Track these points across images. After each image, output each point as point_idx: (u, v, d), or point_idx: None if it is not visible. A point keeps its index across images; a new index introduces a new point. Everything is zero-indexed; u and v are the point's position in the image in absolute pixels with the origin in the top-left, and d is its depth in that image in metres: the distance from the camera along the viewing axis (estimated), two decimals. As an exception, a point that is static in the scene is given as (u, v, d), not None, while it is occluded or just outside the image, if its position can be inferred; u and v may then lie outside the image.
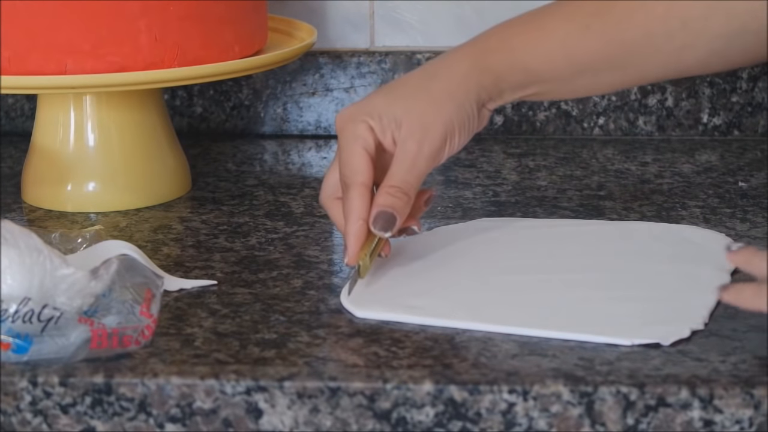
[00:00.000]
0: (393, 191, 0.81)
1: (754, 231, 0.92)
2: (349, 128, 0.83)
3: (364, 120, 0.82)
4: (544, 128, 1.21)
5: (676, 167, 1.10)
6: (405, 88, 0.84)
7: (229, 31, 0.98)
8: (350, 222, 0.81)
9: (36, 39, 0.92)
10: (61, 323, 0.72)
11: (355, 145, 0.82)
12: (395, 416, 0.69)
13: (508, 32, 0.85)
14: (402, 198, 0.81)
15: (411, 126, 0.82)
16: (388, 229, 0.81)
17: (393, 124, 0.82)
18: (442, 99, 0.83)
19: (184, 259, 0.88)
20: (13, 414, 0.71)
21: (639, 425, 0.68)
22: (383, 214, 0.81)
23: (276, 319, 0.78)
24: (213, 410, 0.70)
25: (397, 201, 0.81)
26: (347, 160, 0.82)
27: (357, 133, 0.82)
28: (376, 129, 0.82)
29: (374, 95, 0.85)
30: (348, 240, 0.81)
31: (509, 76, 0.84)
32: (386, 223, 0.81)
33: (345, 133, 0.83)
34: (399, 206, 0.81)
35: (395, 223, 0.81)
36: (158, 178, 1.01)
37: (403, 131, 0.82)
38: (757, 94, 1.19)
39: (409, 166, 0.82)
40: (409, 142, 0.82)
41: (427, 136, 0.82)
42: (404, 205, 0.82)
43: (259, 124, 1.23)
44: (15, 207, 1.01)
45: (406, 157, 0.82)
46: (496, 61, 0.84)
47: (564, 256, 0.87)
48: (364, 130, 0.82)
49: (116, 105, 0.99)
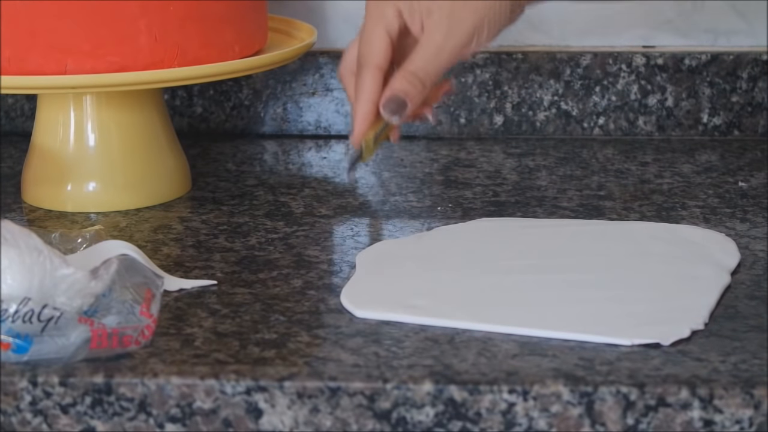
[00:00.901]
0: (410, 77, 0.81)
1: (754, 231, 0.92)
2: (377, 7, 0.81)
3: (395, 5, 0.81)
4: (544, 128, 1.21)
5: (676, 167, 1.10)
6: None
7: (229, 31, 0.98)
8: (360, 102, 0.81)
9: (36, 39, 0.92)
10: (61, 323, 0.72)
11: (378, 25, 0.81)
12: (395, 416, 0.69)
13: None
14: (417, 86, 0.81)
15: (441, 16, 0.81)
16: (397, 113, 0.81)
17: (423, 10, 0.81)
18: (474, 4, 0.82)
19: (184, 259, 0.88)
20: (13, 414, 0.71)
21: (639, 425, 0.68)
22: (395, 98, 0.80)
23: (276, 319, 0.78)
24: (213, 410, 0.70)
25: (412, 88, 0.81)
26: (367, 39, 0.81)
27: (384, 13, 0.81)
28: (405, 13, 0.81)
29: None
30: (355, 120, 0.81)
31: None
32: (397, 107, 0.80)
33: (371, 11, 0.82)
34: (413, 93, 0.81)
35: (405, 109, 0.81)
36: (158, 178, 1.01)
37: (433, 19, 0.81)
38: (757, 94, 1.19)
39: (431, 56, 0.81)
40: (437, 32, 0.81)
41: (455, 29, 0.81)
42: (418, 93, 0.81)
43: (259, 124, 1.23)
44: (15, 207, 1.01)
45: (430, 47, 0.81)
46: None
47: (564, 256, 0.87)
48: (391, 12, 0.81)
49: (116, 105, 0.99)
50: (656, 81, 1.19)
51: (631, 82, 1.19)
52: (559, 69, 1.20)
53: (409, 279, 0.83)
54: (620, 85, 1.20)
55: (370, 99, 0.80)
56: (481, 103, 1.21)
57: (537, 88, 1.20)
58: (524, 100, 1.21)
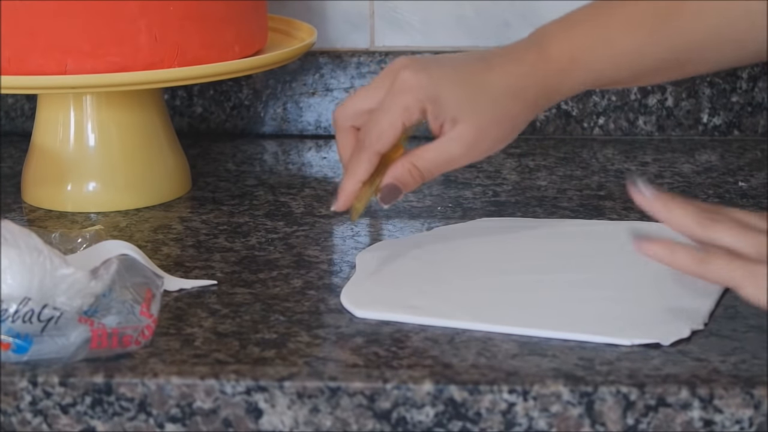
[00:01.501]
0: (414, 173, 0.82)
1: (754, 231, 0.92)
2: (405, 96, 0.82)
3: (423, 101, 0.82)
4: (544, 128, 1.21)
5: (676, 167, 1.10)
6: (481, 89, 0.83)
7: (229, 31, 0.98)
8: (350, 181, 0.83)
9: (36, 39, 0.92)
10: (61, 323, 0.72)
11: (398, 117, 0.82)
12: (395, 416, 0.69)
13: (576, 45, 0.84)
14: (417, 180, 0.83)
15: (463, 134, 0.82)
16: (389, 201, 0.83)
17: (449, 118, 0.82)
18: (506, 124, 0.84)
19: (184, 259, 0.88)
20: (13, 414, 0.71)
21: (639, 425, 0.68)
22: (394, 189, 0.82)
23: (276, 319, 0.78)
24: (213, 410, 0.70)
25: (412, 181, 0.83)
26: (381, 123, 0.82)
27: (408, 106, 0.82)
28: (429, 114, 0.82)
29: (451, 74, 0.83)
30: (342, 193, 0.83)
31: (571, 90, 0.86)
32: (392, 195, 0.83)
33: (397, 97, 0.82)
34: (410, 185, 0.83)
35: (398, 198, 0.83)
36: (158, 178, 1.01)
37: (456, 131, 0.82)
38: (757, 94, 1.19)
39: (442, 163, 0.83)
40: (456, 145, 0.82)
41: (473, 150, 0.83)
42: (414, 185, 0.83)
43: (259, 124, 1.23)
44: (15, 207, 1.01)
45: (444, 155, 0.83)
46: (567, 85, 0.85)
47: (564, 256, 0.87)
48: (415, 109, 0.82)
49: (116, 105, 0.99)
50: (656, 81, 1.19)
51: (631, 82, 1.19)
52: (559, 69, 1.20)
53: (409, 279, 0.83)
54: (620, 85, 1.20)
55: (361, 180, 0.83)
56: (481, 103, 1.21)
57: (537, 88, 1.20)
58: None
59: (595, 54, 0.84)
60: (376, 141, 0.82)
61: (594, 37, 0.84)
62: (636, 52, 0.84)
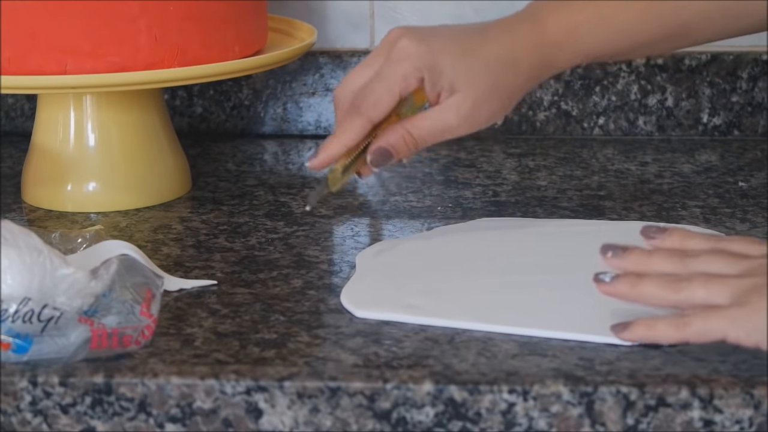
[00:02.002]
0: (408, 140, 0.82)
1: (754, 231, 0.92)
2: (402, 65, 0.82)
3: (420, 70, 0.81)
4: (544, 128, 1.21)
5: (676, 167, 1.10)
6: (477, 60, 0.83)
7: (229, 31, 0.98)
8: (336, 142, 0.82)
9: (36, 39, 0.92)
10: (61, 323, 0.72)
11: (396, 84, 0.81)
12: (395, 416, 0.69)
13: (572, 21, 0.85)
14: (410, 149, 0.83)
15: (460, 103, 0.82)
16: (380, 165, 0.82)
17: (446, 87, 0.82)
18: (502, 94, 0.84)
19: (184, 259, 0.88)
20: (13, 414, 0.71)
21: (639, 425, 0.68)
22: (386, 152, 0.81)
23: (276, 319, 0.78)
24: (213, 410, 0.70)
25: (405, 148, 0.82)
26: (378, 91, 0.82)
27: (405, 76, 0.81)
28: (426, 82, 0.82)
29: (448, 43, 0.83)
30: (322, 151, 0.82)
31: (571, 61, 0.86)
32: (384, 160, 0.82)
33: (394, 66, 0.82)
34: (403, 152, 0.82)
35: (389, 163, 0.82)
36: (158, 178, 1.01)
37: (453, 100, 0.82)
38: (757, 94, 1.19)
39: (437, 132, 0.82)
40: (452, 114, 0.82)
41: (469, 120, 0.83)
42: (407, 153, 0.83)
43: (259, 124, 1.23)
44: (15, 207, 1.01)
45: (440, 124, 0.82)
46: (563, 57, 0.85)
47: (564, 256, 0.87)
48: (413, 78, 0.82)
49: (116, 105, 0.99)
50: (656, 81, 1.19)
51: (631, 82, 1.19)
52: (559, 69, 1.20)
53: (409, 279, 0.83)
54: (620, 85, 1.20)
55: (347, 145, 0.81)
56: (481, 103, 1.21)
57: (537, 88, 1.20)
58: (524, 100, 1.21)
59: (590, 28, 0.85)
60: (372, 108, 0.81)
61: (589, 11, 0.85)
62: (631, 27, 0.85)
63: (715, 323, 0.68)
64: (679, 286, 0.71)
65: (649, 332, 0.71)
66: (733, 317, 0.68)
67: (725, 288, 0.69)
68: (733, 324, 0.68)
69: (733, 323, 0.68)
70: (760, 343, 0.67)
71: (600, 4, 0.85)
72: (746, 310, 0.67)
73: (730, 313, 0.68)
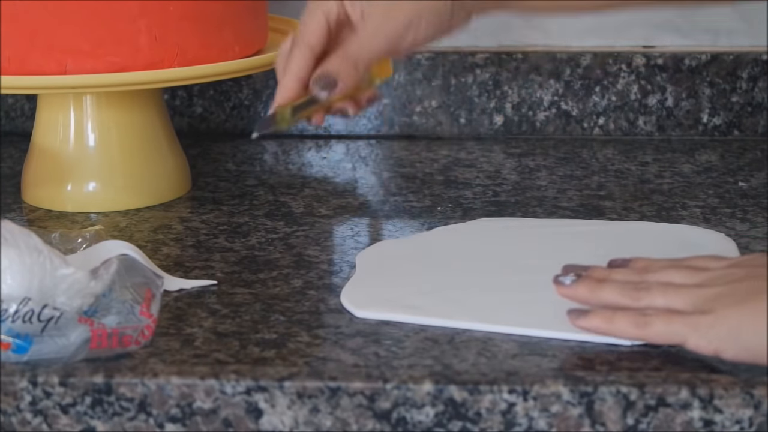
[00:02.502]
0: (343, 58, 0.82)
1: (754, 231, 0.92)
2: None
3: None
4: (544, 128, 1.21)
5: (676, 167, 1.10)
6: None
7: (229, 31, 0.98)
8: (286, 76, 0.83)
9: (36, 39, 0.92)
10: (61, 323, 0.72)
11: (317, 10, 0.83)
12: (395, 416, 0.69)
13: None
14: (349, 67, 0.82)
15: (373, 12, 0.82)
16: (325, 89, 0.82)
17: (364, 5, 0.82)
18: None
19: (184, 259, 0.88)
20: (13, 414, 0.71)
21: (639, 425, 0.68)
22: (325, 74, 0.82)
23: (276, 319, 0.78)
24: (213, 410, 0.70)
25: (344, 69, 0.82)
26: (305, 21, 0.83)
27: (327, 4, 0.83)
28: (347, 6, 0.83)
29: None
30: (279, 91, 0.83)
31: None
32: (326, 84, 0.82)
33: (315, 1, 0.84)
34: (344, 74, 0.82)
35: (335, 88, 0.82)
36: (158, 178, 1.01)
37: (372, 6, 0.82)
38: (757, 94, 1.19)
39: (366, 40, 0.83)
40: (372, 18, 0.82)
41: (392, 15, 0.82)
42: (350, 75, 0.82)
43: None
44: (15, 207, 1.01)
45: (365, 32, 0.83)
46: None
47: (564, 256, 0.87)
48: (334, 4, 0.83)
49: (116, 105, 0.99)
50: (656, 81, 1.19)
51: (631, 82, 1.19)
52: (559, 69, 1.20)
53: (409, 279, 0.83)
54: (620, 85, 1.20)
55: (297, 74, 0.82)
56: (481, 103, 1.21)
57: (537, 88, 1.20)
58: (524, 100, 1.21)
59: None
60: (303, 35, 0.83)
61: None
62: None
63: (676, 327, 0.69)
64: (639, 294, 0.72)
65: (607, 325, 0.71)
66: (696, 324, 0.69)
67: (684, 296, 0.70)
68: (694, 331, 0.69)
69: (695, 330, 0.69)
70: (720, 351, 0.68)
71: None
72: (709, 318, 0.68)
73: (692, 320, 0.69)
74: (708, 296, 0.70)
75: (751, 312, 0.67)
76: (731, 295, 0.69)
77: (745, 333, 0.67)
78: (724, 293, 0.69)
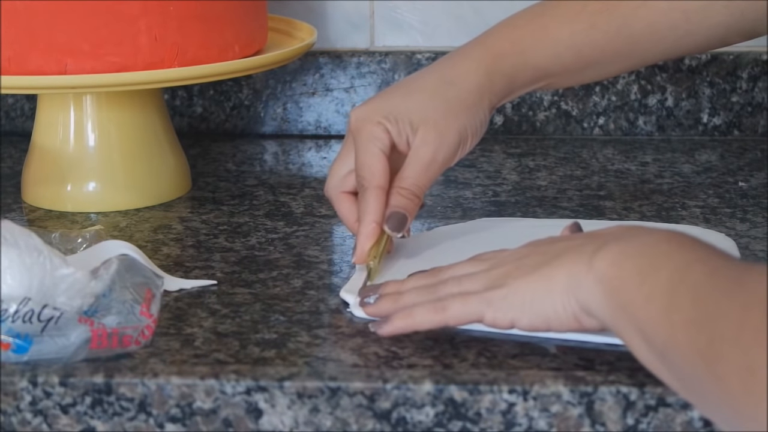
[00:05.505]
0: (405, 193, 0.83)
1: (754, 231, 0.92)
2: (366, 129, 0.84)
3: (381, 122, 0.84)
4: (544, 128, 1.21)
5: (676, 167, 1.10)
6: (422, 93, 0.85)
7: (229, 31, 0.98)
8: (365, 223, 0.83)
9: (36, 39, 0.92)
10: (61, 323, 0.72)
11: (372, 146, 0.83)
12: (395, 416, 0.69)
13: (516, 34, 0.87)
14: (413, 200, 0.84)
15: (426, 133, 0.84)
16: (399, 229, 0.83)
17: (409, 128, 0.84)
18: (458, 108, 0.85)
19: (184, 259, 0.88)
20: (13, 414, 0.71)
21: (639, 425, 0.68)
22: (396, 214, 0.83)
23: (276, 319, 0.78)
24: (213, 410, 0.70)
25: (409, 203, 0.84)
26: (365, 162, 0.83)
27: (374, 134, 0.84)
28: (392, 132, 0.84)
29: (391, 95, 0.86)
30: (359, 239, 0.83)
31: (521, 77, 0.87)
32: (398, 223, 0.83)
33: (362, 134, 0.84)
34: (410, 208, 0.84)
35: (406, 224, 0.84)
36: (158, 178, 1.01)
37: (419, 137, 0.84)
38: (757, 94, 1.19)
39: (422, 171, 0.84)
40: (424, 148, 0.84)
41: (442, 144, 0.84)
42: (415, 206, 0.84)
43: (259, 124, 1.23)
44: (15, 207, 1.01)
45: (420, 162, 0.84)
46: (508, 66, 0.86)
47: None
48: (380, 132, 0.83)
49: (116, 105, 0.99)
50: (656, 81, 1.19)
51: (631, 82, 1.19)
52: (559, 69, 1.20)
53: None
54: (620, 85, 1.20)
55: (374, 219, 0.83)
56: (481, 103, 1.21)
57: (537, 88, 1.20)
58: (524, 100, 1.21)
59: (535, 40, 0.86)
60: (371, 177, 0.83)
61: (533, 25, 0.87)
62: (577, 41, 0.86)
63: (472, 305, 0.71)
64: (436, 289, 0.74)
65: (408, 320, 0.73)
66: (489, 299, 0.71)
67: (477, 280, 0.72)
68: (489, 306, 0.71)
69: (489, 305, 0.71)
70: (515, 321, 0.70)
71: (545, 19, 0.87)
72: (502, 291, 0.70)
73: (486, 296, 0.71)
74: (499, 275, 0.72)
75: (538, 280, 0.69)
76: (520, 268, 0.71)
77: (537, 300, 0.69)
78: (512, 269, 0.71)
